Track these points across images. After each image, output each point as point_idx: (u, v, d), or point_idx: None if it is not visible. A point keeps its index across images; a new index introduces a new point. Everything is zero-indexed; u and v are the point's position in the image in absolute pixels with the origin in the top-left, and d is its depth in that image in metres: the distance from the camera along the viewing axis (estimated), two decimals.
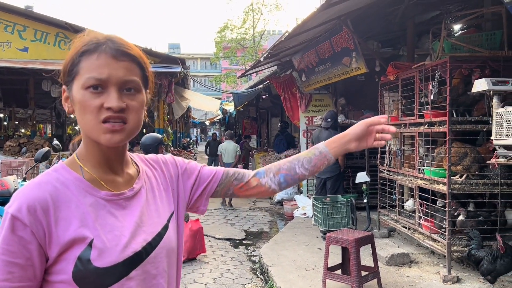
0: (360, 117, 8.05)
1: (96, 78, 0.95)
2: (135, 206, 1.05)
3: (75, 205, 0.96)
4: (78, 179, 1.00)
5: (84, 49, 0.98)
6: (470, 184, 4.35)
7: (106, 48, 0.97)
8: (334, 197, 6.47)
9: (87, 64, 0.97)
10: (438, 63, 4.47)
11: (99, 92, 0.96)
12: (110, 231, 0.98)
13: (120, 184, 1.06)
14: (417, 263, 4.97)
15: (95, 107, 0.96)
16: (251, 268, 5.56)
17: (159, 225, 1.08)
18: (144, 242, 1.02)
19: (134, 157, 1.16)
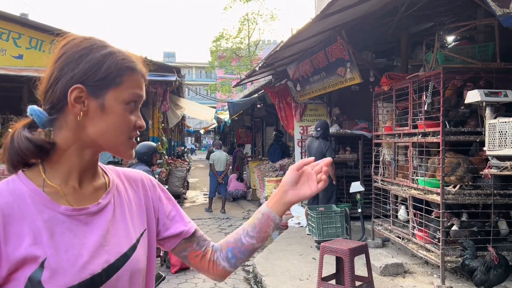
0: (354, 126, 8.10)
1: (138, 95, 0.99)
2: (99, 223, 0.96)
3: (29, 221, 0.88)
4: (35, 191, 0.91)
5: (128, 65, 0.98)
6: (463, 194, 4.37)
7: (140, 70, 1.01)
8: (328, 207, 6.47)
9: (132, 80, 0.98)
10: (431, 74, 4.52)
11: (132, 108, 0.99)
12: (67, 250, 0.89)
13: (85, 197, 0.98)
14: (411, 273, 4.96)
15: (131, 124, 0.99)
16: (245, 278, 5.53)
17: (126, 244, 0.99)
18: (106, 263, 0.93)
19: (106, 168, 1.09)
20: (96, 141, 0.96)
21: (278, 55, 6.94)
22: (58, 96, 0.94)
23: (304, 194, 1.12)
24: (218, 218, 9.38)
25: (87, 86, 0.93)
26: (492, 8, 3.14)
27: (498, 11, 3.12)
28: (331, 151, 6.87)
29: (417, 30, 6.71)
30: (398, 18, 5.52)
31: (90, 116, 0.94)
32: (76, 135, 0.95)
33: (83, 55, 0.94)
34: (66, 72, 0.94)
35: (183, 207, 9.16)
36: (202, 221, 8.93)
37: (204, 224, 8.67)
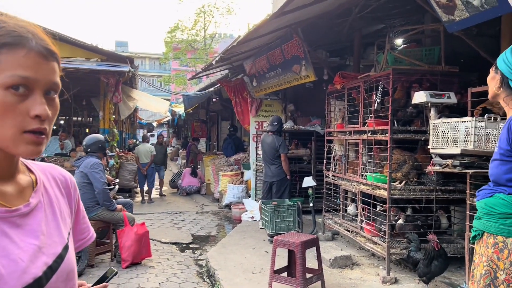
0: (308, 123, 8.28)
1: (22, 77, 0.81)
2: (32, 224, 0.90)
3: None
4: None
5: (4, 41, 0.82)
6: (408, 190, 4.61)
7: (36, 45, 0.84)
8: (281, 201, 6.59)
9: (10, 60, 0.82)
10: (382, 75, 4.71)
11: (21, 94, 0.82)
12: (5, 255, 0.83)
13: (11, 196, 0.90)
14: (359, 265, 5.17)
15: (19, 113, 0.82)
16: (197, 272, 5.53)
17: (60, 245, 0.95)
18: (45, 266, 0.89)
19: (31, 164, 1.00)
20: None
21: (235, 50, 6.95)
22: None
23: None
24: (171, 213, 9.28)
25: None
26: (439, 14, 3.32)
27: (444, 18, 3.31)
28: (283, 146, 7.01)
29: (369, 31, 6.95)
30: (352, 19, 5.69)
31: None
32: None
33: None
34: None
35: (134, 202, 9.00)
36: (154, 216, 8.81)
37: (157, 219, 8.55)
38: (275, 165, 7.02)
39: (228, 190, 9.54)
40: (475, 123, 3.10)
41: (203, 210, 9.69)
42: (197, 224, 8.23)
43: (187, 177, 11.73)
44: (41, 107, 0.84)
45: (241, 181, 9.64)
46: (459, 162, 3.29)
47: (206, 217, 8.93)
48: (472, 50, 4.24)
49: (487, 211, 2.09)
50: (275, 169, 7.03)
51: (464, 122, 3.24)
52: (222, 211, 9.53)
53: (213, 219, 8.81)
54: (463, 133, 3.25)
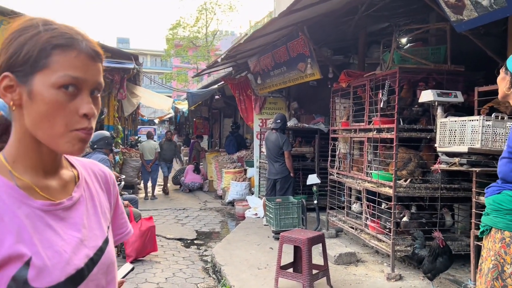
0: (311, 121, 8.32)
1: (73, 77, 0.85)
2: (74, 217, 0.94)
3: (8, 218, 0.84)
4: (9, 186, 0.87)
5: (57, 42, 0.86)
6: (413, 187, 4.65)
7: (85, 47, 0.88)
8: (285, 198, 6.64)
9: (62, 60, 0.85)
10: (388, 73, 4.75)
11: (71, 93, 0.86)
12: (49, 246, 0.87)
13: (55, 190, 0.94)
14: (363, 262, 5.22)
15: (69, 111, 0.86)
16: (203, 267, 5.59)
17: (100, 238, 0.98)
18: (86, 257, 0.92)
19: (73, 160, 1.04)
20: (35, 134, 0.88)
21: (241, 48, 6.98)
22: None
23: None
24: (174, 209, 9.33)
25: (15, 73, 0.86)
26: (447, 14, 3.36)
27: (453, 17, 3.34)
28: (287, 144, 7.05)
29: (373, 30, 6.98)
30: (358, 17, 5.72)
31: (24, 105, 0.86)
32: (22, 127, 0.89)
33: (12, 39, 0.87)
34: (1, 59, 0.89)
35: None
36: (158, 212, 8.87)
37: (161, 215, 8.60)
38: (279, 163, 7.07)
39: (231, 187, 9.58)
40: (483, 122, 3.14)
41: (206, 207, 9.75)
42: (200, 221, 8.28)
43: (190, 173, 11.78)
44: (89, 106, 0.88)
45: (244, 178, 9.69)
46: (466, 161, 3.33)
47: (210, 214, 8.99)
48: (477, 49, 4.27)
49: (495, 207, 2.14)
50: (278, 166, 7.08)
51: (471, 121, 3.28)
52: (225, 208, 9.58)
53: (217, 215, 8.87)
54: (470, 131, 3.29)
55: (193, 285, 4.92)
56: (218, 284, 4.98)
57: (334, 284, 4.45)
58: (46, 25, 0.88)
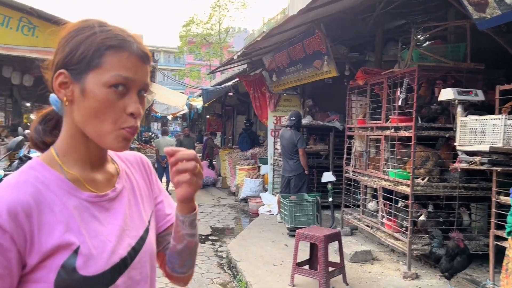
0: (326, 118, 8.30)
1: (123, 77, 0.89)
2: (118, 208, 0.98)
3: (59, 209, 0.88)
4: (59, 178, 0.91)
5: (111, 43, 0.90)
6: (431, 186, 4.63)
7: (136, 49, 0.92)
8: (300, 196, 6.65)
9: (114, 61, 0.89)
10: (406, 71, 4.72)
11: (120, 92, 0.89)
12: (95, 236, 0.91)
13: (100, 183, 0.98)
14: (379, 260, 5.21)
15: (118, 109, 0.90)
16: (218, 263, 5.63)
17: (141, 227, 1.02)
18: (129, 246, 0.96)
19: (111, 154, 1.07)
20: (84, 130, 0.92)
21: (258, 45, 6.99)
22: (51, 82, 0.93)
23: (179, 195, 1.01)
24: None
25: (70, 71, 0.90)
26: (470, 12, 3.33)
27: (475, 15, 3.31)
28: (302, 141, 7.04)
29: (390, 27, 6.92)
30: (376, 14, 5.68)
31: (76, 101, 0.90)
32: (72, 122, 0.93)
33: (69, 39, 0.92)
34: (56, 57, 0.93)
35: None
36: None
37: None
38: (293, 160, 7.07)
39: (245, 184, 9.62)
40: (505, 121, 3.11)
41: (219, 203, 9.80)
42: (215, 217, 8.34)
43: (204, 169, 11.85)
44: (136, 106, 0.91)
45: (258, 175, 9.71)
46: (487, 160, 3.31)
47: (223, 210, 9.04)
48: (498, 47, 4.21)
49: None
50: (293, 163, 7.08)
51: (493, 119, 3.25)
52: (238, 205, 9.62)
53: (230, 212, 8.91)
54: (492, 130, 3.26)
55: (209, 280, 4.97)
56: (233, 279, 5.02)
57: (350, 282, 4.46)
58: (101, 27, 0.92)
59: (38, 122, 1.02)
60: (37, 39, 8.59)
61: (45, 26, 8.51)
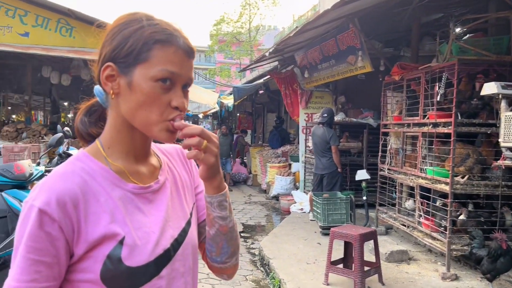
0: (359, 115, 8.16)
1: (170, 72, 0.89)
2: (161, 200, 0.99)
3: (104, 199, 0.89)
4: (104, 169, 0.93)
5: (158, 37, 0.89)
6: (471, 184, 4.45)
7: (183, 44, 0.92)
8: (333, 194, 6.56)
9: (162, 55, 0.89)
10: (445, 65, 4.56)
11: (167, 86, 0.90)
12: (140, 227, 0.91)
13: (144, 175, 0.98)
14: (416, 260, 5.08)
15: (163, 103, 0.90)
16: (251, 260, 5.63)
17: (183, 220, 1.02)
18: (172, 238, 0.96)
19: (153, 148, 1.07)
20: (131, 120, 0.92)
21: (290, 41, 6.94)
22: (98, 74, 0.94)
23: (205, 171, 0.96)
24: None
25: (117, 64, 0.90)
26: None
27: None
28: (334, 138, 6.93)
29: (426, 21, 6.72)
30: (412, 8, 5.53)
31: (122, 94, 0.91)
32: (118, 114, 0.94)
33: (116, 32, 0.92)
34: (103, 50, 0.93)
35: None
36: None
37: None
38: (326, 157, 6.97)
39: (276, 181, 9.59)
40: None
41: (251, 201, 9.81)
42: (246, 214, 8.35)
43: (237, 165, 11.91)
44: (181, 100, 0.92)
45: (289, 173, 9.66)
46: None
47: (255, 208, 9.04)
48: None
49: None
50: (326, 161, 6.98)
51: None
52: (269, 202, 9.61)
53: (262, 209, 8.91)
54: None
55: (242, 277, 4.97)
56: (266, 277, 5.01)
57: (386, 282, 4.36)
58: (149, 20, 0.92)
59: (83, 113, 1.03)
60: (74, 40, 8.87)
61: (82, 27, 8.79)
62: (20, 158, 6.28)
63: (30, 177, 3.51)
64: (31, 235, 0.82)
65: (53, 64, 9.24)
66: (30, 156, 6.84)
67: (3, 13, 8.49)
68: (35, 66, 9.62)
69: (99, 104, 1.01)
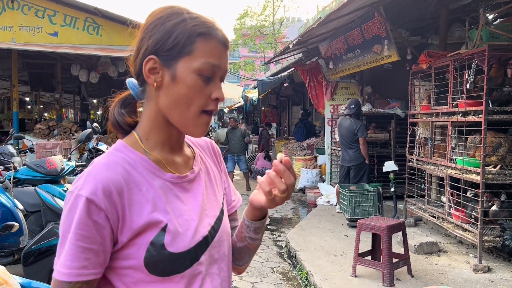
0: (386, 106, 8.02)
1: (212, 64, 0.91)
2: (197, 189, 1.02)
3: (145, 188, 0.92)
4: (144, 160, 0.95)
5: (201, 30, 0.91)
6: (504, 174, 4.32)
7: (221, 36, 0.93)
8: (360, 186, 6.48)
9: (204, 48, 0.91)
10: (475, 52, 4.42)
11: (207, 78, 0.91)
12: (180, 215, 0.94)
13: (179, 165, 1.01)
14: (446, 252, 4.98)
15: (204, 95, 0.92)
16: (278, 252, 5.65)
17: (217, 208, 1.05)
18: (209, 226, 0.99)
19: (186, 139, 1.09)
20: (168, 115, 0.94)
21: (314, 32, 6.87)
22: (139, 68, 0.94)
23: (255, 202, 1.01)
24: (247, 195, 9.50)
25: (160, 57, 0.91)
26: None
27: None
28: (362, 130, 6.83)
29: (455, 7, 6.51)
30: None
31: (164, 87, 0.92)
32: (157, 107, 0.95)
33: (157, 24, 0.92)
34: (143, 44, 0.93)
35: None
36: None
37: None
38: (353, 149, 6.89)
39: (302, 174, 9.55)
40: None
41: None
42: None
43: (261, 160, 11.89)
44: (220, 92, 0.94)
45: (315, 165, 9.61)
46: None
47: None
48: None
49: None
50: (353, 153, 6.90)
51: None
52: (296, 195, 9.59)
53: (288, 202, 8.89)
54: None
55: (269, 269, 5.00)
56: (294, 269, 5.01)
57: (415, 274, 4.29)
58: (189, 14, 0.94)
59: (119, 105, 1.04)
60: (101, 38, 9.06)
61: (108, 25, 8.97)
62: (52, 154, 6.49)
63: (61, 172, 3.62)
64: (80, 223, 0.85)
65: (81, 63, 9.47)
66: (61, 152, 7.06)
67: (33, 14, 8.75)
68: (64, 64, 9.89)
69: (132, 97, 1.03)
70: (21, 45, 8.54)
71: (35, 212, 3.73)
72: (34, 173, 3.64)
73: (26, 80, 12.60)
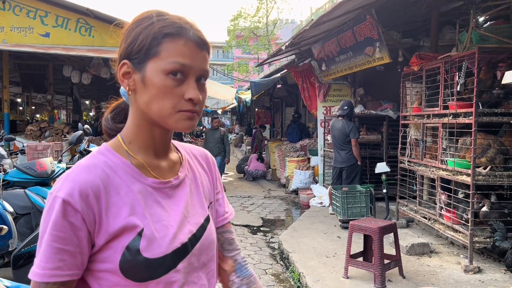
0: (378, 107, 8.05)
1: (181, 64, 0.90)
2: (180, 196, 1.01)
3: (124, 192, 0.92)
4: (125, 164, 0.95)
5: (167, 31, 0.90)
6: (494, 175, 4.36)
7: (193, 36, 0.92)
8: (353, 187, 6.51)
9: (171, 48, 0.90)
10: (465, 54, 4.46)
11: (178, 79, 0.90)
12: (158, 221, 0.94)
13: (164, 170, 1.00)
14: (437, 253, 5.00)
15: (176, 95, 0.90)
16: (270, 254, 5.65)
17: (202, 216, 1.04)
18: (190, 233, 0.98)
19: (176, 144, 1.10)
20: (148, 115, 0.94)
21: (306, 34, 6.89)
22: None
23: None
24: (240, 197, 9.50)
25: (131, 61, 0.93)
26: None
27: None
28: (354, 131, 6.87)
29: (446, 10, 6.57)
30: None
31: (138, 90, 0.93)
32: (137, 110, 0.96)
33: (130, 30, 0.94)
34: (120, 49, 0.96)
35: None
36: None
37: None
38: (345, 151, 6.92)
39: (295, 175, 9.56)
40: None
41: (270, 195, 9.82)
42: (266, 208, 8.37)
43: (254, 161, 11.91)
44: (194, 92, 0.92)
45: (308, 167, 9.62)
46: None
47: (274, 202, 9.05)
48: None
49: None
50: (345, 154, 6.92)
51: None
52: (289, 196, 9.60)
53: (281, 203, 8.91)
54: None
55: (261, 270, 5.00)
56: (286, 270, 5.02)
57: (406, 275, 4.31)
58: (159, 16, 0.94)
59: (109, 112, 1.07)
60: (93, 39, 9.01)
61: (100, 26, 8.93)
62: (43, 156, 6.44)
63: (52, 174, 3.60)
64: (55, 225, 0.86)
65: (73, 64, 9.42)
66: (53, 154, 7.02)
67: (24, 15, 8.69)
68: (56, 65, 9.83)
69: (126, 104, 1.04)
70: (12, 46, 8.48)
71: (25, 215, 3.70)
72: (24, 176, 3.62)
73: (18, 81, 12.52)
